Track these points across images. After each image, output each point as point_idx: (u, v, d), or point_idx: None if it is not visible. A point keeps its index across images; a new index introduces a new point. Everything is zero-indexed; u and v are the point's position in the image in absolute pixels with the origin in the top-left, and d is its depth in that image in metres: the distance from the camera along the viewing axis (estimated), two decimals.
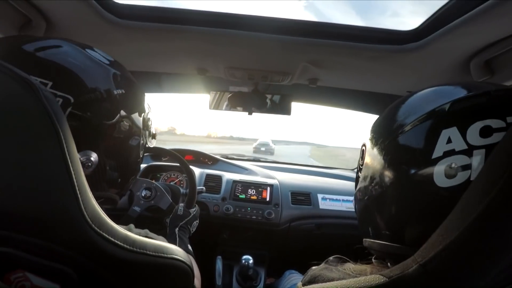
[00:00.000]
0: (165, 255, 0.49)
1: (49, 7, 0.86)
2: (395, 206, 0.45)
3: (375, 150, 0.50)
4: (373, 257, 0.55)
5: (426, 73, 1.11)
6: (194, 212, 1.11)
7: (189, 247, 0.97)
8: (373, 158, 0.50)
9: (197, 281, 0.81)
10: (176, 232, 0.99)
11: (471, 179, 0.36)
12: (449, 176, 0.38)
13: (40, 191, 0.36)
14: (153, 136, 0.76)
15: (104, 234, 0.40)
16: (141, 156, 0.71)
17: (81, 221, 0.38)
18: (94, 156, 0.53)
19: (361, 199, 0.54)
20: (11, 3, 0.79)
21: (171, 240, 0.95)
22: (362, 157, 0.56)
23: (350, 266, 0.51)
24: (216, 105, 1.46)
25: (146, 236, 0.52)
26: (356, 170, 0.62)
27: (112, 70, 0.56)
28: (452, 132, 0.39)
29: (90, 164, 0.52)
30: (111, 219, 0.45)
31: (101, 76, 0.54)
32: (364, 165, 0.54)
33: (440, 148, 0.39)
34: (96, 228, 0.40)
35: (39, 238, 0.37)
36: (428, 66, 1.05)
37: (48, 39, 0.53)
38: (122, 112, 0.57)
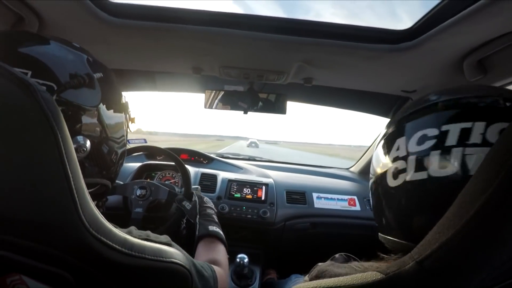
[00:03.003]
0: (164, 258, 0.49)
1: (42, 6, 0.85)
2: (373, 201, 0.53)
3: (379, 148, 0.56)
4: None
5: (420, 72, 1.12)
6: (197, 197, 1.12)
7: (211, 228, 0.95)
8: (375, 155, 0.56)
9: (224, 272, 0.78)
10: (198, 221, 1.00)
11: (407, 180, 0.42)
12: (394, 177, 0.45)
13: (38, 194, 0.36)
14: (132, 120, 0.77)
15: (102, 238, 0.40)
16: (125, 140, 0.72)
17: (78, 225, 0.38)
18: (87, 143, 0.53)
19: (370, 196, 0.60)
20: (2, 1, 0.78)
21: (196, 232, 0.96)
22: None
23: (356, 263, 0.52)
24: (211, 104, 1.45)
25: (147, 238, 0.52)
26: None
27: (84, 56, 0.57)
28: (401, 141, 0.45)
29: (84, 149, 0.53)
30: (115, 221, 0.44)
31: (78, 62, 0.55)
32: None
33: (392, 154, 0.47)
34: (94, 232, 0.39)
35: (36, 242, 0.36)
36: (422, 65, 1.06)
37: (25, 32, 0.54)
38: (104, 95, 0.58)
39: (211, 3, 5.08)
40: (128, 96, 0.72)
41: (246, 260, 1.29)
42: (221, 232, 0.97)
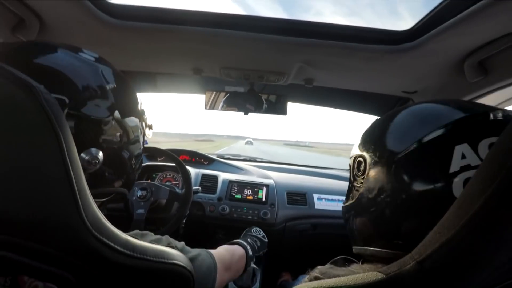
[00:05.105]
0: (166, 260, 0.49)
1: (42, 7, 0.85)
2: (410, 217, 0.45)
3: (382, 164, 0.50)
4: (360, 261, 0.56)
5: (421, 73, 1.12)
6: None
7: (249, 250, 1.00)
8: (380, 172, 0.51)
9: (226, 273, 0.82)
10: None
11: None
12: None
13: (40, 195, 0.36)
14: (150, 127, 0.76)
15: (104, 239, 0.40)
16: (141, 148, 0.71)
17: (81, 226, 0.38)
18: (100, 154, 0.53)
19: (364, 211, 0.54)
20: (3, 3, 0.78)
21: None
22: (359, 168, 0.57)
23: (355, 265, 0.52)
24: (212, 105, 1.46)
25: (155, 241, 0.52)
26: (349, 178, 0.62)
27: (100, 66, 0.56)
28: (464, 148, 0.41)
29: (96, 161, 0.52)
30: (116, 222, 0.44)
31: (91, 74, 0.53)
32: (366, 177, 0.54)
33: (456, 163, 0.41)
34: (96, 233, 0.39)
35: (38, 243, 0.36)
36: (423, 66, 1.06)
37: (37, 42, 0.53)
38: (118, 106, 0.57)
39: (211, 4, 5.15)
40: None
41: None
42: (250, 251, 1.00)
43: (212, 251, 0.73)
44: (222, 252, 0.83)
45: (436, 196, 0.42)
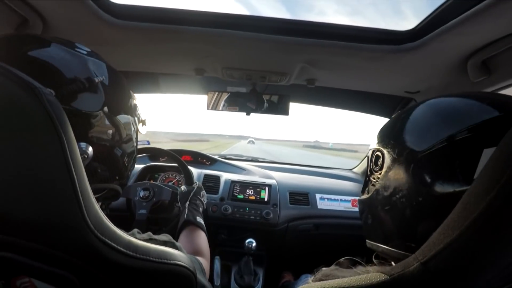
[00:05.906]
0: (168, 261, 0.49)
1: (46, 7, 0.85)
2: (425, 220, 0.43)
3: (400, 162, 0.48)
4: (374, 256, 0.55)
5: (424, 73, 1.12)
6: (197, 185, 1.15)
7: (199, 219, 0.97)
8: (398, 170, 0.48)
9: (206, 262, 0.81)
10: (186, 207, 1.01)
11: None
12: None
13: (42, 196, 0.36)
14: (143, 122, 0.75)
15: (106, 240, 0.40)
16: (135, 143, 0.70)
17: (83, 227, 0.38)
18: (90, 149, 0.51)
19: (378, 208, 0.53)
20: (7, 3, 0.78)
21: (182, 216, 0.97)
22: (376, 162, 0.55)
23: (360, 267, 0.51)
24: (214, 106, 1.46)
25: (149, 239, 0.52)
26: (367, 173, 0.61)
27: (90, 59, 0.54)
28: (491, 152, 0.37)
29: (85, 156, 0.51)
30: (119, 222, 0.44)
31: (80, 66, 0.52)
32: (383, 174, 0.52)
33: (481, 168, 0.37)
34: (98, 234, 0.39)
35: (41, 244, 0.36)
36: (426, 66, 1.05)
37: (26, 35, 0.52)
38: (108, 100, 0.55)
39: (213, 4, 5.15)
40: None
41: (254, 244, 1.30)
42: (204, 225, 0.99)
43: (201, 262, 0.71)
44: (205, 263, 0.79)
45: (456, 201, 0.38)
